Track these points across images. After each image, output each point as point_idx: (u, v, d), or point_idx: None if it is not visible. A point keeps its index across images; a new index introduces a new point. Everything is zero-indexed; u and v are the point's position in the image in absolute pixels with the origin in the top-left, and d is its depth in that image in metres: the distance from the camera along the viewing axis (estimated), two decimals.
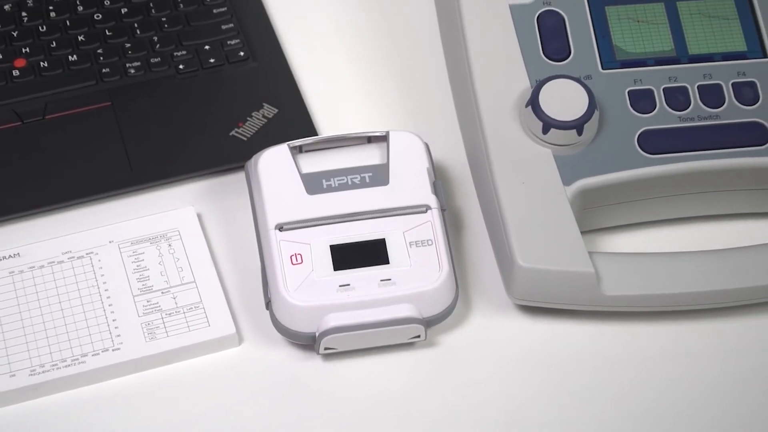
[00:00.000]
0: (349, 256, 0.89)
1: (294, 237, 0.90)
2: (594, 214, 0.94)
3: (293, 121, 1.01)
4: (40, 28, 1.05)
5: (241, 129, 1.00)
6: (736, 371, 0.91)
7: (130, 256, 0.94)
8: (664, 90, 0.94)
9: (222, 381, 0.90)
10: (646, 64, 0.95)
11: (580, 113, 0.91)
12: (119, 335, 0.90)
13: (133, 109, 1.01)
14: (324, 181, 0.92)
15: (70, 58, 1.03)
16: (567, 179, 0.91)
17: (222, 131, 1.00)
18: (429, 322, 0.90)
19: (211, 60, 1.04)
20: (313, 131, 1.01)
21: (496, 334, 0.93)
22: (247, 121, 1.01)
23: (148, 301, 0.92)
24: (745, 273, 0.90)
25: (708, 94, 0.94)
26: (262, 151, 0.94)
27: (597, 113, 0.92)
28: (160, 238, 0.95)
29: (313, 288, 0.88)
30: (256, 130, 1.00)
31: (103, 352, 0.90)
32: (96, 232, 0.95)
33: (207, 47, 1.05)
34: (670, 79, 0.95)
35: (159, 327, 0.91)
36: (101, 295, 0.92)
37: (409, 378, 0.91)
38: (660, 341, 0.92)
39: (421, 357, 0.92)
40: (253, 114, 1.01)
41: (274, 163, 0.93)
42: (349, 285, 0.88)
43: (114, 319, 0.91)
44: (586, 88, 0.92)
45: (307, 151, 0.95)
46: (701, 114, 0.94)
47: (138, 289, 0.92)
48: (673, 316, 0.93)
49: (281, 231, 0.90)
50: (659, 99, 0.94)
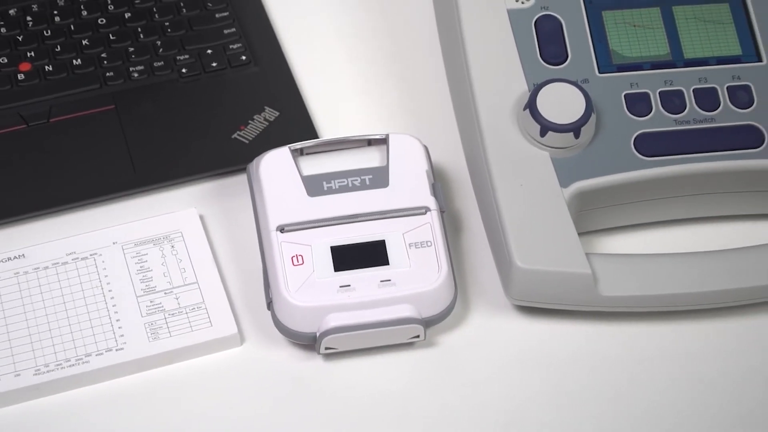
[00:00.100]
0: (350, 257, 0.89)
1: (295, 238, 0.90)
2: (591, 216, 0.94)
3: (294, 124, 1.01)
4: (44, 32, 1.05)
5: (242, 132, 1.01)
6: (733, 371, 0.91)
7: (134, 257, 0.94)
8: (660, 93, 0.94)
9: (224, 381, 0.90)
10: (642, 67, 0.96)
11: (577, 116, 0.91)
12: (122, 335, 0.90)
13: (137, 113, 1.01)
14: (324, 183, 0.92)
15: (74, 62, 1.04)
16: (564, 181, 0.91)
17: (224, 134, 1.01)
18: (428, 323, 0.90)
19: (214, 64, 1.05)
20: (313, 134, 1.01)
21: (495, 334, 0.93)
22: (249, 124, 1.01)
23: (151, 302, 0.92)
24: (741, 274, 0.90)
25: (703, 97, 0.94)
26: (264, 153, 0.94)
27: (594, 116, 0.92)
28: (163, 239, 0.95)
29: (314, 288, 0.88)
30: (258, 132, 1.01)
31: (106, 352, 0.90)
32: (100, 234, 0.95)
33: (209, 51, 1.05)
34: (666, 83, 0.95)
35: (162, 327, 0.91)
36: (105, 295, 0.92)
37: (409, 378, 0.91)
38: (657, 341, 0.92)
39: (421, 357, 0.92)
40: (254, 117, 1.02)
41: (276, 165, 0.93)
42: (349, 286, 0.88)
43: (117, 320, 0.91)
44: (583, 92, 0.92)
45: (307, 154, 0.95)
46: (697, 117, 0.94)
47: (141, 289, 0.93)
48: (670, 317, 0.93)
49: (282, 232, 0.90)
50: (655, 102, 0.94)
